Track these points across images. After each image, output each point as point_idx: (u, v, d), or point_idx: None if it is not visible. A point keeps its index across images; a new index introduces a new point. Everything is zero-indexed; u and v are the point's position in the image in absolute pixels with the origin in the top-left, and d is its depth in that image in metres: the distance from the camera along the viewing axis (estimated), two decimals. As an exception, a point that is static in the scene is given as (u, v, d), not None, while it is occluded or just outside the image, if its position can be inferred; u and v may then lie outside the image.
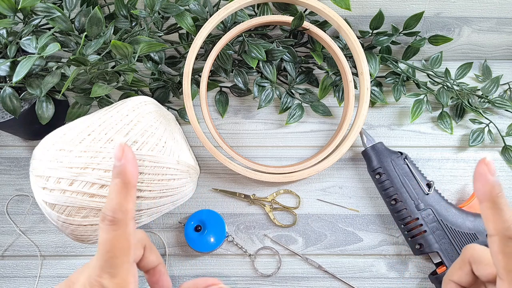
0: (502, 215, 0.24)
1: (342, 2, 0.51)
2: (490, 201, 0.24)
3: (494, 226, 0.25)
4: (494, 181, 0.24)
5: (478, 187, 0.25)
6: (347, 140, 0.52)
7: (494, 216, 0.25)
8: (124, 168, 0.24)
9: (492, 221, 0.25)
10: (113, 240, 0.24)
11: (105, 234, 0.24)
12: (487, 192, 0.24)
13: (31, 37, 0.43)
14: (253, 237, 0.53)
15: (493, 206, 0.24)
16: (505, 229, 0.24)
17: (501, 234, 0.24)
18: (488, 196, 0.24)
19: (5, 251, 0.53)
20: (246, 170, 0.51)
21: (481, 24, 0.57)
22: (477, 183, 0.25)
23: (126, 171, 0.24)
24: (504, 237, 0.24)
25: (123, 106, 0.45)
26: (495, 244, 0.25)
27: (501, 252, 0.24)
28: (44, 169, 0.40)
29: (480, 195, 0.25)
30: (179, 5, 0.49)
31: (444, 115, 0.56)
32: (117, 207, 0.24)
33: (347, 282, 0.51)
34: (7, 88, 0.44)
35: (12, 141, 0.57)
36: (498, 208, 0.24)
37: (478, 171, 0.25)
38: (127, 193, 0.24)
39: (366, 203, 0.54)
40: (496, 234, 0.24)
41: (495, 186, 0.24)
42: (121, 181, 0.24)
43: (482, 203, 0.25)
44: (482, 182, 0.24)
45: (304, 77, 0.57)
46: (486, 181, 0.24)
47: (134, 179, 0.25)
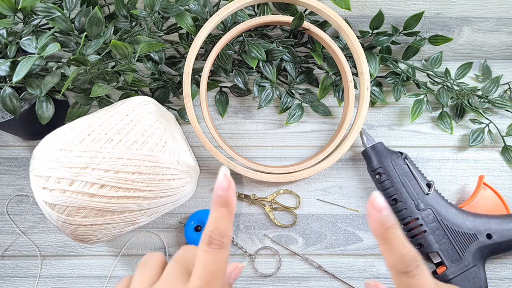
0: (393, 250, 0.25)
1: (342, 2, 0.51)
2: (381, 238, 0.25)
3: (387, 261, 0.25)
4: (380, 217, 0.25)
5: (370, 225, 0.25)
6: (347, 140, 0.52)
7: (386, 252, 0.25)
8: (230, 199, 0.26)
9: (386, 256, 0.25)
10: (218, 263, 0.25)
11: (210, 257, 0.25)
12: (377, 230, 0.25)
13: (31, 37, 0.43)
14: (253, 237, 0.53)
15: (384, 242, 0.25)
16: (395, 264, 0.25)
17: (393, 269, 0.25)
18: (378, 233, 0.25)
19: (5, 251, 0.53)
20: (246, 170, 0.51)
21: (481, 24, 0.57)
22: (369, 222, 0.26)
23: (232, 202, 0.26)
24: (396, 272, 0.25)
25: (123, 106, 0.45)
26: (393, 278, 0.25)
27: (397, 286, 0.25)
28: (44, 169, 0.40)
29: (372, 232, 0.26)
30: (179, 5, 0.49)
31: (444, 115, 0.56)
32: (225, 233, 0.26)
33: (347, 282, 0.51)
34: (7, 88, 0.44)
35: (12, 141, 0.57)
36: (388, 244, 0.25)
37: (367, 212, 0.25)
38: (232, 221, 0.26)
39: (366, 203, 0.54)
40: (390, 269, 0.25)
41: (383, 222, 0.25)
42: (227, 210, 0.26)
43: (376, 239, 0.26)
44: (371, 220, 0.25)
45: (304, 77, 0.57)
46: (373, 218, 0.25)
47: (235, 208, 0.27)
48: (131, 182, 0.41)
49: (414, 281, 0.24)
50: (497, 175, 0.55)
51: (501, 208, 0.51)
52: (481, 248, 0.47)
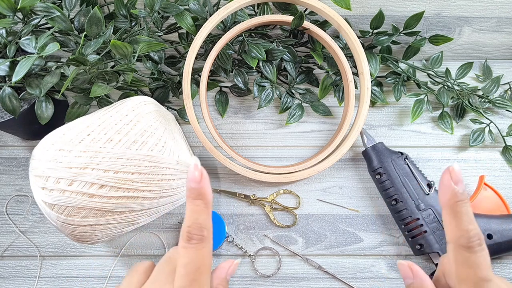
0: (458, 224, 0.25)
1: (342, 2, 0.51)
2: (449, 208, 0.25)
3: (449, 233, 0.25)
4: (455, 189, 0.24)
5: (440, 193, 0.25)
6: (347, 140, 0.52)
7: (451, 224, 0.25)
8: (204, 190, 0.25)
9: (449, 228, 0.25)
10: (201, 258, 0.25)
11: (192, 253, 0.25)
12: (446, 199, 0.25)
13: (31, 37, 0.43)
14: (253, 238, 0.53)
15: (451, 213, 0.25)
16: (458, 238, 0.24)
17: (454, 242, 0.25)
18: (447, 203, 0.25)
19: (4, 251, 0.53)
20: (246, 170, 0.51)
21: (481, 24, 0.57)
22: (439, 189, 0.25)
23: (206, 193, 0.25)
24: (457, 246, 0.24)
25: (123, 106, 0.45)
26: (450, 252, 0.25)
27: (454, 260, 0.25)
28: (44, 169, 0.39)
29: (441, 201, 0.25)
30: (179, 4, 0.49)
31: (445, 115, 0.56)
32: (203, 226, 0.25)
33: (347, 282, 0.51)
34: (6, 88, 0.44)
35: (11, 141, 0.57)
36: (456, 216, 0.25)
37: (442, 179, 0.25)
38: (209, 212, 0.25)
39: (366, 203, 0.54)
40: (450, 242, 0.25)
41: (457, 194, 0.25)
42: (203, 202, 0.25)
43: (443, 209, 0.25)
44: (443, 189, 0.25)
45: (304, 77, 0.57)
46: (447, 188, 0.25)
47: (212, 197, 0.26)
48: (130, 182, 0.41)
49: (474, 257, 0.24)
50: (497, 175, 0.55)
51: (501, 208, 0.51)
52: (482, 248, 0.47)
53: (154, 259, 0.52)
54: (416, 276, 0.27)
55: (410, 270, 0.27)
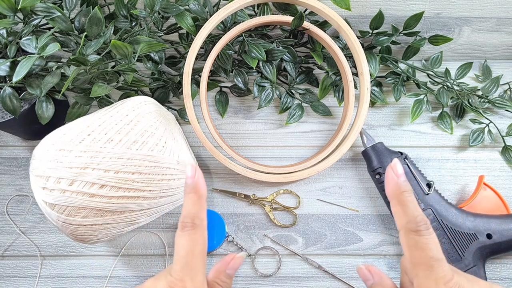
0: (406, 211, 0.27)
1: (342, 2, 0.51)
2: (396, 199, 0.27)
3: (398, 221, 0.27)
4: (398, 181, 0.27)
5: (386, 187, 0.28)
6: (347, 140, 0.52)
7: (399, 212, 0.27)
8: (197, 183, 0.28)
9: (397, 217, 0.27)
10: (192, 242, 0.27)
11: (184, 239, 0.27)
12: (393, 191, 0.27)
13: (31, 37, 0.43)
14: (253, 237, 0.53)
15: (398, 203, 0.27)
16: (406, 223, 0.27)
17: (404, 228, 0.27)
18: (393, 194, 0.27)
19: (5, 251, 0.53)
20: (246, 170, 0.51)
21: (481, 24, 0.57)
22: (386, 185, 0.28)
23: (199, 186, 0.28)
24: (407, 231, 0.26)
25: (123, 106, 0.45)
26: (401, 238, 0.27)
27: (405, 245, 0.27)
28: (44, 169, 0.40)
29: (388, 194, 0.28)
30: (179, 5, 0.49)
31: (444, 115, 0.56)
32: (195, 215, 0.28)
33: (347, 282, 0.51)
34: (7, 88, 0.44)
35: (12, 141, 0.57)
36: (402, 205, 0.27)
37: (386, 175, 0.28)
38: (201, 204, 0.28)
39: (366, 203, 0.54)
40: (401, 229, 0.27)
41: (400, 186, 0.27)
42: (195, 195, 0.28)
43: (390, 201, 0.28)
44: (389, 182, 0.27)
45: (304, 77, 0.57)
46: (392, 182, 0.27)
47: (205, 192, 0.29)
48: (131, 182, 0.41)
49: (423, 239, 0.26)
50: (497, 175, 0.55)
51: (501, 208, 0.51)
52: (481, 248, 0.47)
53: (154, 259, 0.52)
54: (374, 274, 0.29)
55: (369, 271, 0.29)
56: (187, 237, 0.27)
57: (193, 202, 0.28)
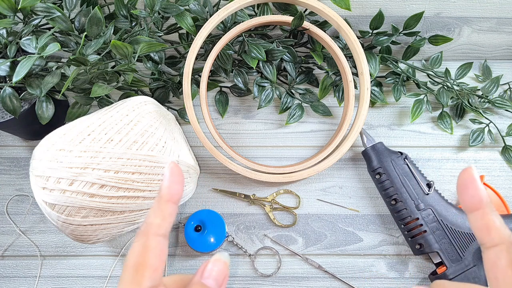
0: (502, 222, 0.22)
1: (342, 2, 0.51)
2: (489, 207, 0.22)
3: (499, 234, 0.22)
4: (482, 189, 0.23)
5: (472, 194, 0.23)
6: (347, 140, 0.52)
7: (495, 223, 0.22)
8: (161, 187, 0.25)
9: (495, 228, 0.22)
10: (130, 253, 0.24)
11: (131, 249, 0.24)
12: (483, 198, 0.22)
13: (31, 37, 0.43)
14: (253, 237, 0.53)
15: (491, 211, 0.22)
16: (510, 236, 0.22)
17: (507, 243, 0.21)
18: (485, 202, 0.22)
19: (5, 251, 0.53)
20: (246, 170, 0.51)
21: (481, 24, 0.57)
22: (468, 190, 0.23)
23: (161, 187, 0.25)
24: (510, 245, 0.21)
25: (123, 106, 0.45)
26: (502, 255, 0.21)
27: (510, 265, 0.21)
28: (44, 169, 0.40)
29: (474, 203, 0.23)
30: (179, 5, 0.49)
31: (444, 115, 0.56)
32: (147, 221, 0.25)
33: (347, 282, 0.51)
34: (7, 88, 0.44)
35: (12, 141, 0.57)
36: (497, 214, 0.22)
37: (467, 177, 0.23)
38: (156, 207, 0.25)
39: (366, 203, 0.54)
40: (502, 243, 0.22)
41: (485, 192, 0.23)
42: (157, 196, 0.25)
43: (478, 210, 0.23)
44: (474, 188, 0.23)
45: (304, 77, 0.57)
46: (478, 187, 0.23)
47: (167, 194, 0.25)
48: (131, 182, 0.41)
49: None
50: (497, 175, 0.55)
51: (501, 208, 0.51)
52: (481, 248, 0.47)
53: (154, 259, 0.52)
54: None
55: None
56: (132, 247, 0.24)
57: (153, 207, 0.25)
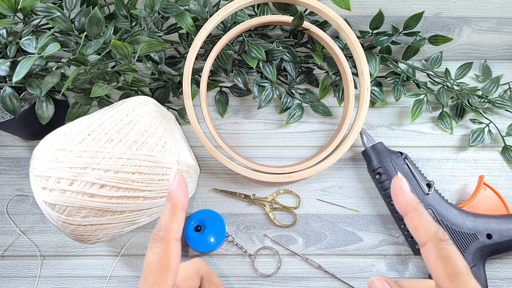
0: (428, 221, 0.25)
1: (342, 2, 0.51)
2: (415, 211, 0.26)
3: (425, 232, 0.25)
4: (411, 193, 0.26)
5: (400, 201, 0.26)
6: (347, 140, 0.52)
7: (422, 223, 0.25)
8: (172, 193, 0.27)
9: (422, 228, 0.25)
10: (153, 256, 0.25)
11: (148, 252, 0.26)
12: (409, 203, 0.26)
13: (31, 37, 0.43)
14: (253, 237, 0.53)
15: (418, 214, 0.26)
16: (435, 233, 0.25)
17: (434, 239, 0.25)
18: (411, 207, 0.26)
19: (5, 251, 0.53)
20: (246, 170, 0.51)
21: (481, 24, 0.57)
22: (397, 198, 0.26)
23: (173, 196, 0.27)
24: (438, 241, 0.25)
25: (123, 106, 0.45)
26: (431, 250, 0.25)
27: (439, 258, 0.25)
28: (44, 169, 0.40)
29: (403, 208, 0.26)
30: (179, 5, 0.49)
31: (444, 115, 0.56)
32: (162, 226, 0.26)
33: (347, 282, 0.51)
34: (7, 88, 0.44)
35: (12, 141, 0.57)
36: (422, 216, 0.26)
37: (395, 188, 0.26)
38: (171, 214, 0.27)
39: (366, 203, 0.54)
40: (429, 239, 0.25)
41: (413, 197, 0.26)
42: (169, 204, 0.27)
43: (408, 214, 0.26)
44: (402, 196, 0.26)
45: (304, 77, 0.57)
46: (405, 194, 0.26)
47: (181, 203, 0.27)
48: (131, 182, 0.41)
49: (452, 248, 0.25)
50: (497, 175, 0.55)
51: (501, 208, 0.51)
52: (481, 248, 0.47)
53: (154, 259, 0.52)
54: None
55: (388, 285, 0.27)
56: (150, 250, 0.26)
57: (165, 212, 0.27)
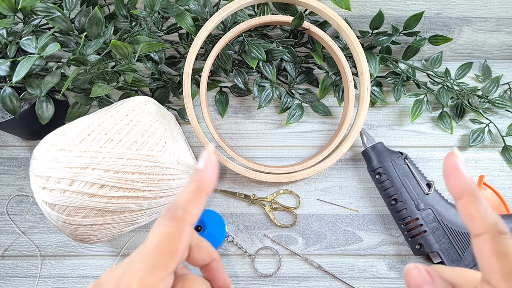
0: (487, 209, 0.22)
1: (342, 2, 0.51)
2: (472, 195, 0.22)
3: (482, 222, 0.22)
4: (469, 174, 0.22)
5: (454, 183, 0.22)
6: (347, 140, 0.52)
7: (479, 211, 0.22)
8: (202, 172, 0.24)
9: (479, 217, 0.22)
10: (161, 236, 0.23)
11: (156, 229, 0.23)
12: (466, 186, 0.22)
13: (31, 37, 0.43)
14: (253, 237, 0.53)
15: (475, 200, 0.22)
16: (495, 224, 0.21)
17: (491, 231, 0.21)
18: (468, 190, 0.22)
19: (5, 251, 0.53)
20: (246, 170, 0.51)
21: (481, 24, 0.57)
22: (451, 179, 0.22)
23: (203, 176, 0.24)
24: (496, 234, 0.21)
25: (123, 106, 0.45)
26: (487, 243, 0.21)
27: (494, 253, 0.21)
28: (44, 169, 0.40)
29: (458, 191, 0.22)
30: (179, 5, 0.49)
31: (444, 115, 0.56)
32: (180, 205, 0.23)
33: (347, 282, 0.51)
34: (7, 88, 0.44)
35: (12, 141, 0.57)
36: (480, 202, 0.22)
37: (450, 165, 0.22)
38: (195, 196, 0.24)
39: (366, 203, 0.54)
40: (486, 231, 0.21)
41: (471, 179, 0.22)
42: (195, 184, 0.24)
43: (462, 198, 0.22)
44: (457, 176, 0.22)
45: (304, 77, 0.57)
46: (462, 174, 0.22)
47: (208, 186, 0.24)
48: (131, 182, 0.41)
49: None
50: (497, 175, 0.55)
51: (501, 208, 0.51)
52: (481, 248, 0.47)
53: (154, 259, 0.52)
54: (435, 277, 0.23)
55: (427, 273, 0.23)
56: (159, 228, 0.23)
57: (189, 191, 0.24)
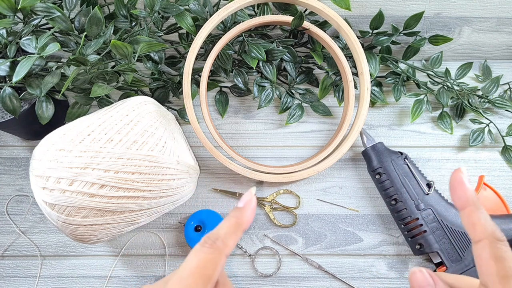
0: (487, 218, 0.25)
1: (342, 2, 0.51)
2: (474, 206, 0.25)
3: (482, 229, 0.25)
4: (472, 188, 0.25)
5: (459, 195, 0.25)
6: (347, 140, 0.52)
7: (480, 220, 0.25)
8: (243, 211, 0.28)
9: (480, 225, 0.25)
10: (199, 261, 0.25)
11: (195, 253, 0.25)
12: (469, 198, 0.25)
13: (31, 37, 0.43)
14: (253, 237, 0.53)
15: (477, 210, 0.25)
16: (493, 232, 0.24)
17: (490, 238, 0.24)
18: (471, 202, 0.25)
19: (5, 251, 0.53)
20: (246, 170, 0.51)
21: (481, 24, 0.57)
22: (456, 192, 0.25)
23: (244, 214, 0.28)
24: (494, 240, 0.24)
25: (123, 106, 0.45)
26: (486, 248, 0.24)
27: (492, 257, 0.24)
28: (44, 169, 0.40)
29: (462, 203, 0.25)
30: (179, 5, 0.49)
31: (444, 115, 0.56)
32: (220, 236, 0.26)
33: (347, 282, 0.51)
34: (7, 88, 0.44)
35: (12, 141, 0.57)
36: (481, 212, 0.25)
37: (457, 180, 0.25)
38: (234, 230, 0.27)
39: (366, 203, 0.54)
40: (486, 238, 0.24)
41: (474, 192, 0.25)
42: (235, 220, 0.27)
43: (465, 208, 0.25)
44: (462, 189, 0.25)
45: (304, 77, 0.57)
46: (466, 188, 0.25)
47: (247, 223, 0.28)
48: (131, 182, 0.41)
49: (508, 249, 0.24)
50: (497, 175, 0.55)
51: (501, 208, 0.51)
52: (481, 248, 0.47)
53: (154, 259, 0.52)
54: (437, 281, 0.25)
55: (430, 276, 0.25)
56: (198, 253, 0.25)
57: (228, 225, 0.27)
